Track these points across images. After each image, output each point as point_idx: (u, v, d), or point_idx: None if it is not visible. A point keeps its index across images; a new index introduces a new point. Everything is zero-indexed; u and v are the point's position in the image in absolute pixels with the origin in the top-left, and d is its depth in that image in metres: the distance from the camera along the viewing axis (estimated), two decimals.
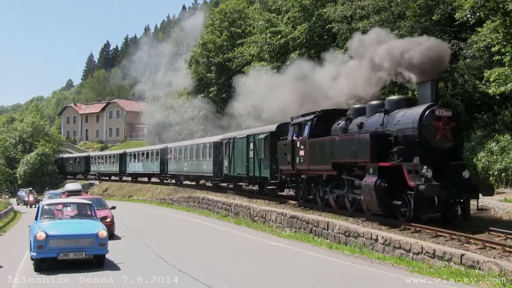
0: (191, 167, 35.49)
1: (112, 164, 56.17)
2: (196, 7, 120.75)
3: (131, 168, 50.94)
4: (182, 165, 37.44)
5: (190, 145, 36.13)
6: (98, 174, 61.74)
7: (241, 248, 15.19)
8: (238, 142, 26.93)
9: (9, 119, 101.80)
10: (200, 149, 33.71)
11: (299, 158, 19.36)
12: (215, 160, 30.89)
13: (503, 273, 9.25)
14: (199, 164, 33.75)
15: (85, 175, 65.17)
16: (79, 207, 13.48)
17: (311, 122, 18.97)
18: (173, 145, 41.02)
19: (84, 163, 64.48)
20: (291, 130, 20.46)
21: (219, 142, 30.56)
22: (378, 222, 15.23)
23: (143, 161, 47.31)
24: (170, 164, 40.79)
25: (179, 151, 38.32)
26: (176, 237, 18.27)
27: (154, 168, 44.59)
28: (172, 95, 59.09)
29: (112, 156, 57.33)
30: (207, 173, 32.59)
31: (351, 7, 24.24)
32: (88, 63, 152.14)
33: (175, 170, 39.72)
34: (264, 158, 23.39)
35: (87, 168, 63.46)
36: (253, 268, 11.71)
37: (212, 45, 46.55)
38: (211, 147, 31.64)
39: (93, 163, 62.53)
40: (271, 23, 31.88)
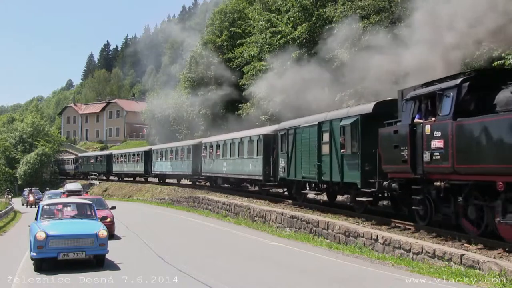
0: (233, 167, 28.51)
1: (136, 163, 49.77)
2: (196, 6, 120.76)
3: (158, 167, 44.83)
4: (220, 164, 30.47)
5: (231, 140, 29.15)
6: (121, 175, 56.38)
7: (241, 248, 15.19)
8: (302, 133, 19.85)
9: (9, 119, 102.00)
10: (244, 144, 26.89)
11: (432, 154, 12.23)
12: (266, 158, 24.25)
13: (503, 273, 9.24)
14: (243, 163, 26.90)
15: (107, 175, 60.34)
16: (79, 207, 13.49)
17: (456, 91, 11.78)
18: (209, 140, 34.05)
19: (105, 162, 58.70)
20: (408, 109, 13.53)
21: (271, 135, 24.02)
22: (375, 222, 15.26)
23: (172, 159, 40.76)
24: (204, 163, 33.92)
25: (217, 148, 31.43)
26: (176, 237, 18.28)
27: (184, 168, 37.90)
28: (172, 95, 59.09)
29: (136, 154, 50.40)
30: (254, 175, 25.64)
31: (351, 7, 24.23)
32: (88, 63, 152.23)
33: (210, 171, 32.86)
34: (351, 155, 16.18)
35: (109, 168, 57.91)
36: (253, 268, 11.71)
37: (212, 45, 46.55)
38: (260, 141, 24.74)
39: (115, 162, 56.43)
40: (271, 23, 31.88)
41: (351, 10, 24.09)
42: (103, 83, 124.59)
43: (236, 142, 28.42)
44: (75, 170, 68.10)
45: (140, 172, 48.91)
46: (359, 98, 22.93)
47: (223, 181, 31.94)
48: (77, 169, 67.73)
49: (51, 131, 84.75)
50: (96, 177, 63.48)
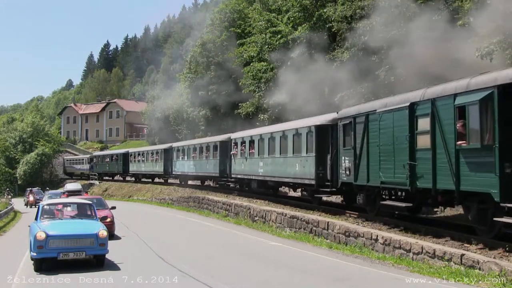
0: (272, 168, 23.16)
1: (155, 162, 44.82)
2: (196, 6, 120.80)
3: (179, 168, 39.46)
4: (255, 164, 25.26)
5: (270, 134, 23.66)
6: (139, 176, 51.61)
7: (241, 248, 15.18)
8: (380, 120, 14.79)
9: (9, 119, 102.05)
10: (289, 139, 21.50)
11: None
12: (319, 156, 18.94)
13: (503, 273, 9.24)
14: (287, 164, 21.58)
15: (123, 176, 55.41)
16: (79, 207, 13.50)
17: None
18: (240, 135, 28.48)
19: (122, 161, 53.71)
20: None
21: (327, 126, 18.75)
22: (378, 223, 15.25)
23: (195, 158, 35.43)
24: (234, 163, 28.52)
25: (251, 144, 26.15)
26: (176, 237, 18.28)
27: (210, 168, 32.63)
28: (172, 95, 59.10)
29: (155, 153, 45.36)
30: (302, 178, 20.12)
31: (351, 7, 24.23)
32: (88, 63, 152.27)
33: (242, 172, 27.42)
34: (480, 150, 11.08)
35: (125, 168, 53.05)
36: (253, 268, 11.71)
37: (211, 45, 46.56)
38: (312, 134, 19.40)
39: (132, 161, 51.63)
40: (271, 23, 31.88)
41: (351, 10, 24.09)
42: (103, 83, 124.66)
43: (276, 136, 22.76)
44: (90, 170, 63.52)
45: (159, 173, 44.07)
46: (361, 97, 22.88)
47: (258, 185, 25.86)
48: (91, 169, 63.29)
49: (51, 131, 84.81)
50: (112, 179, 59.10)
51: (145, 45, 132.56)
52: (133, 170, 51.16)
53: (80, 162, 68.26)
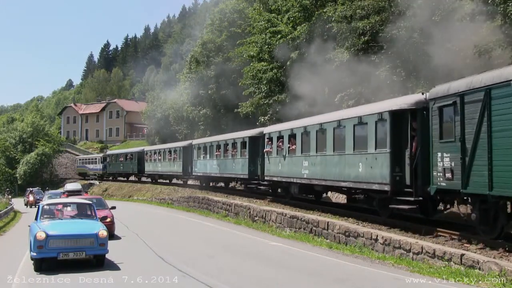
0: (322, 168, 18.38)
1: (173, 162, 40.06)
2: (196, 6, 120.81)
3: (200, 168, 34.34)
4: (297, 165, 20.37)
5: (319, 125, 18.83)
6: (155, 177, 47.24)
7: (241, 248, 15.18)
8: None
9: (9, 119, 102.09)
10: (346, 131, 16.78)
11: None
12: (395, 153, 14.21)
13: (503, 273, 9.24)
14: (343, 163, 16.86)
15: (139, 177, 51.28)
16: (79, 207, 13.50)
17: None
18: (276, 129, 23.20)
19: (136, 160, 49.54)
20: None
21: (407, 111, 14.06)
22: (378, 223, 15.25)
23: (219, 157, 30.41)
24: (268, 163, 23.61)
25: (291, 139, 21.30)
26: (176, 237, 18.28)
27: (237, 169, 27.48)
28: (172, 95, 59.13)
29: (173, 151, 40.54)
30: (369, 182, 15.35)
31: (351, 7, 24.22)
32: (88, 63, 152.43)
33: (279, 174, 22.38)
34: None
35: (140, 168, 48.84)
36: (253, 268, 11.71)
37: (212, 45, 46.61)
38: (385, 123, 14.69)
39: (148, 160, 47.28)
40: (271, 23, 31.87)
41: (351, 10, 24.08)
42: (103, 83, 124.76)
43: (328, 128, 18.01)
44: (103, 170, 60.01)
45: (178, 173, 39.50)
46: (358, 98, 22.88)
47: (300, 190, 21.20)
48: (105, 169, 59.59)
49: (51, 131, 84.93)
50: (126, 180, 55.20)
51: (145, 45, 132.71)
52: (149, 170, 46.73)
53: (93, 161, 64.55)
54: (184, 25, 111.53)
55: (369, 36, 22.75)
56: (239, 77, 37.89)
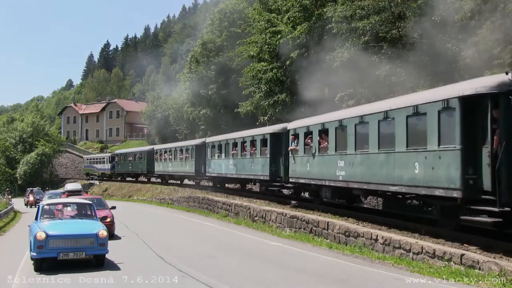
0: (363, 169, 15.67)
1: (184, 161, 37.33)
2: (196, 6, 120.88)
3: (214, 168, 31.74)
4: (331, 165, 17.64)
5: (358, 118, 16.09)
6: (165, 177, 44.39)
7: (241, 248, 15.18)
8: None
9: (9, 119, 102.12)
10: (396, 125, 14.04)
11: None
12: (467, 150, 11.51)
13: (503, 273, 9.25)
14: (392, 162, 14.15)
15: (148, 177, 48.79)
16: (79, 207, 13.50)
17: None
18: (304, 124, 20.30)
19: (145, 160, 46.93)
20: None
21: (486, 96, 11.08)
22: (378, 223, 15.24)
23: (235, 156, 27.92)
24: (294, 162, 20.80)
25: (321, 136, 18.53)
26: (176, 237, 18.27)
27: (257, 169, 24.77)
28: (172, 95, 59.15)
29: (184, 150, 37.71)
30: (429, 185, 12.61)
31: (351, 7, 24.21)
32: (88, 63, 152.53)
33: (307, 174, 19.67)
34: None
35: (149, 168, 46.19)
36: (253, 268, 11.70)
37: (212, 45, 46.63)
38: (452, 113, 11.96)
39: (158, 160, 44.57)
40: (271, 23, 31.88)
41: (351, 10, 24.08)
42: (103, 83, 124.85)
43: (371, 121, 15.24)
44: (111, 170, 57.78)
45: (190, 174, 36.82)
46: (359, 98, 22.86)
47: (334, 194, 18.42)
48: (113, 169, 57.25)
49: (51, 131, 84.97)
50: (136, 180, 52.64)
51: (145, 45, 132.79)
52: (159, 170, 44.00)
53: (101, 161, 62.05)
54: (184, 25, 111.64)
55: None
56: (239, 77, 37.90)
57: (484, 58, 17.77)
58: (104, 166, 59.85)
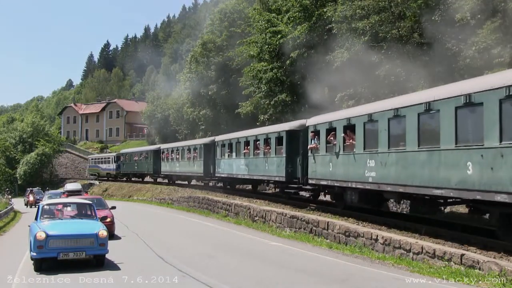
0: (399, 170, 13.99)
1: (192, 161, 35.33)
2: (196, 6, 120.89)
3: (224, 168, 29.66)
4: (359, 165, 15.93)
5: (392, 112, 14.24)
6: (172, 178, 42.41)
7: (241, 248, 15.18)
8: None
9: (9, 119, 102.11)
10: (442, 117, 12.23)
11: None
12: None
13: (503, 273, 9.24)
14: (438, 162, 12.36)
15: (155, 178, 46.92)
16: (79, 207, 13.50)
17: None
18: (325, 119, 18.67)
19: (152, 160, 45.04)
20: None
21: None
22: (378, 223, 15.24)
23: (247, 155, 26.00)
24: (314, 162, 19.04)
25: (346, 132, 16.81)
26: (176, 237, 18.27)
27: (271, 169, 22.98)
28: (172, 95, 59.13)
29: (192, 149, 35.61)
30: (497, 190, 10.47)
31: (351, 7, 24.21)
32: (88, 63, 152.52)
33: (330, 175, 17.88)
34: None
35: (156, 168, 44.42)
36: (253, 268, 11.70)
37: (212, 45, 46.65)
38: None
39: (165, 159, 42.50)
40: (271, 23, 31.90)
41: (351, 10, 24.07)
42: (103, 83, 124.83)
43: (409, 114, 13.46)
44: (117, 170, 56.18)
45: (198, 174, 34.83)
46: (359, 99, 22.86)
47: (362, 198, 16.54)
48: (118, 169, 55.63)
49: (51, 131, 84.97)
50: (142, 181, 50.67)
51: (145, 45, 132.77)
52: (166, 170, 42.16)
53: (106, 161, 60.25)
54: (184, 25, 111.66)
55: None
56: (239, 77, 37.90)
57: (484, 58, 17.78)
58: (109, 166, 58.35)
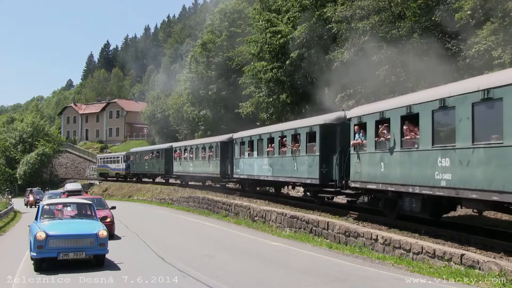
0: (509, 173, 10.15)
1: (208, 161, 32.54)
2: (196, 6, 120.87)
3: (244, 168, 26.77)
4: (429, 164, 12.59)
5: (481, 92, 10.76)
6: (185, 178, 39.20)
7: (241, 248, 15.18)
8: None
9: (9, 119, 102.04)
10: None
11: None
12: None
13: (503, 273, 9.25)
14: None
15: (166, 178, 44.29)
16: (79, 207, 13.50)
17: None
18: (373, 108, 15.75)
19: (163, 159, 42.10)
20: None
21: None
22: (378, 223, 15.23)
23: (271, 154, 23.25)
24: (358, 161, 16.17)
25: (405, 123, 13.76)
26: (176, 237, 18.27)
27: (301, 170, 20.13)
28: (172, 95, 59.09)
29: (208, 147, 32.85)
30: None
31: (351, 7, 24.21)
32: (88, 63, 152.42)
33: (380, 178, 14.83)
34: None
35: (168, 168, 41.62)
36: (253, 268, 11.70)
37: (212, 45, 46.63)
38: None
39: (177, 159, 39.48)
40: (271, 23, 31.89)
41: (350, 10, 24.07)
42: (103, 83, 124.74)
43: (506, 95, 10.16)
44: (126, 170, 53.09)
45: (214, 175, 31.87)
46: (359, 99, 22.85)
47: (426, 206, 13.40)
48: (128, 169, 52.59)
49: (51, 131, 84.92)
50: (152, 181, 48.12)
51: (145, 45, 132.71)
52: (178, 171, 39.24)
53: (116, 160, 56.89)
54: (184, 25, 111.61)
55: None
56: (239, 77, 37.90)
57: (484, 58, 17.78)
58: (119, 166, 55.08)
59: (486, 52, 17.18)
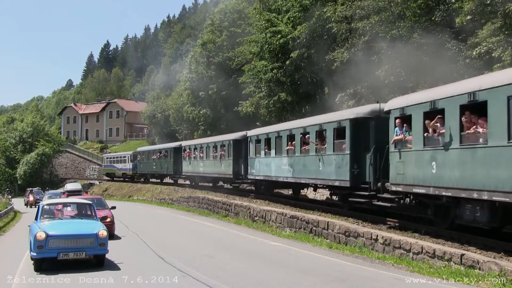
0: None
1: (219, 161, 30.39)
2: (196, 7, 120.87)
3: (260, 169, 24.68)
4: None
5: None
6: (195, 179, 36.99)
7: (241, 248, 15.18)
8: None
9: (9, 119, 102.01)
10: None
11: None
12: None
13: (503, 273, 9.25)
14: None
15: (175, 179, 42.47)
16: (79, 207, 13.50)
17: None
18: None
19: (172, 159, 40.10)
20: None
21: None
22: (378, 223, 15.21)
23: (292, 153, 21.22)
24: (402, 160, 13.73)
25: None
26: (176, 237, 18.27)
27: (327, 171, 17.99)
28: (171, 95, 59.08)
29: (219, 146, 30.75)
30: None
31: (351, 7, 24.22)
32: (88, 63, 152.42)
33: (424, 180, 12.72)
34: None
35: (177, 168, 39.62)
36: (253, 268, 11.70)
37: (212, 45, 46.63)
38: None
39: (186, 158, 37.25)
40: (271, 23, 31.90)
41: (350, 10, 24.08)
42: (103, 83, 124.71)
43: None
44: (133, 170, 51.22)
45: (227, 176, 29.85)
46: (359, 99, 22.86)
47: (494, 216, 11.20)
48: (135, 169, 50.72)
49: (51, 131, 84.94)
50: (160, 182, 46.28)
51: (145, 45, 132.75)
52: (188, 171, 37.04)
53: (122, 160, 54.74)
54: (184, 25, 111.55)
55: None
56: (239, 77, 37.91)
57: (484, 58, 17.77)
58: (126, 166, 53.03)
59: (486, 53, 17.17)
